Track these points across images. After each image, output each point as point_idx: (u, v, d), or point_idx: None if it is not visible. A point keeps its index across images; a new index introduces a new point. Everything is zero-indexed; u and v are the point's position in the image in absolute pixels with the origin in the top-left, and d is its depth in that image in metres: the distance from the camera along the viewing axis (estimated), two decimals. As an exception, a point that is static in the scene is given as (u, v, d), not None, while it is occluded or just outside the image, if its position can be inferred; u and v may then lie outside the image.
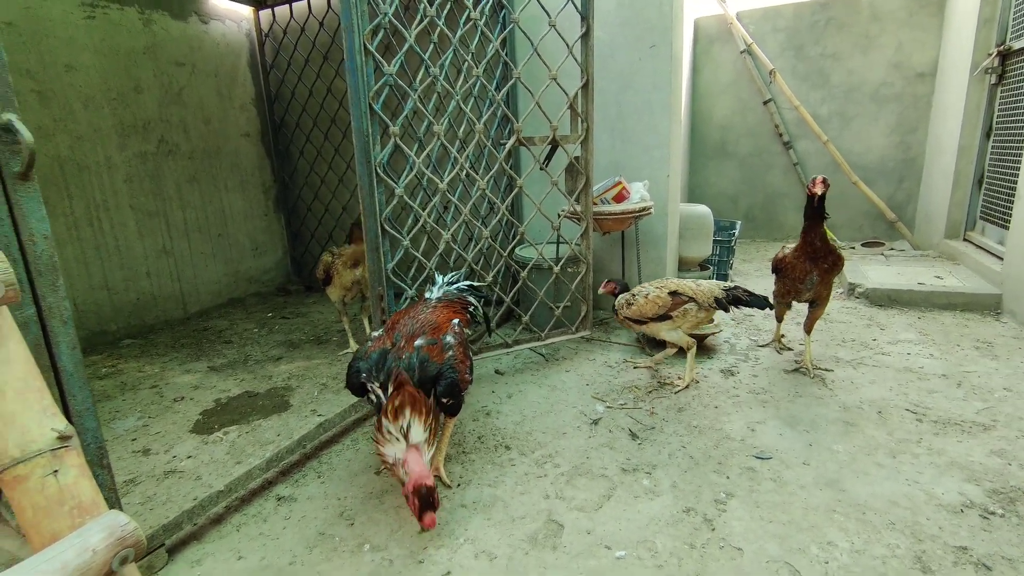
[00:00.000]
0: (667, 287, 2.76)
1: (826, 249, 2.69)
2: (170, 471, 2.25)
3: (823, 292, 2.80)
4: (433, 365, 1.94)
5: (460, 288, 2.54)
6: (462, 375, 2.00)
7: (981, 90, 4.41)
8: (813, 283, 2.74)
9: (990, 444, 2.17)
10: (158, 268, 4.09)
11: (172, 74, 4.10)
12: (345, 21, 2.35)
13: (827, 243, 2.69)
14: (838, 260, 2.74)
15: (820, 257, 2.69)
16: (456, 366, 1.99)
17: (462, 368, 2.02)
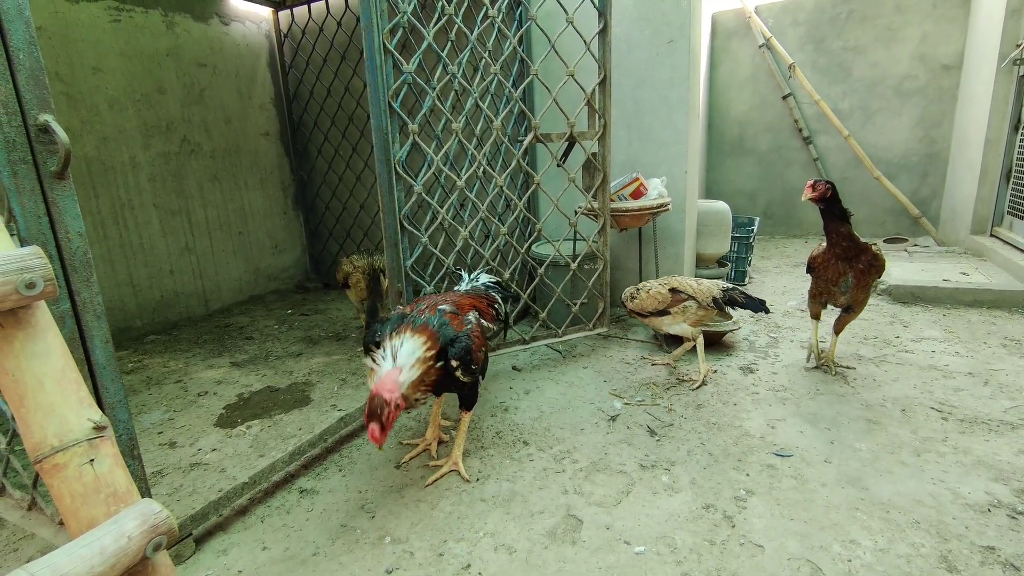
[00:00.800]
0: (668, 283, 2.83)
1: (858, 248, 2.53)
2: (196, 463, 2.30)
3: (860, 296, 2.63)
4: (451, 329, 1.96)
5: (487, 284, 2.56)
6: (477, 347, 2.00)
7: (1009, 82, 4.30)
8: (848, 286, 2.59)
9: (1018, 443, 2.13)
10: (181, 266, 4.17)
11: (194, 75, 4.18)
12: (365, 20, 2.37)
13: (857, 241, 2.54)
14: (875, 260, 2.56)
15: (852, 257, 2.54)
16: (473, 337, 2.00)
17: (478, 342, 2.02)
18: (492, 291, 2.53)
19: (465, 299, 2.27)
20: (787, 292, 4.25)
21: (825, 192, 2.49)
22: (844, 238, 2.53)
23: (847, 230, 2.53)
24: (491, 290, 2.53)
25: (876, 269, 2.57)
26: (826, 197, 2.50)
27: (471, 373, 1.97)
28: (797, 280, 4.56)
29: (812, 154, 6.03)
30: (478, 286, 2.52)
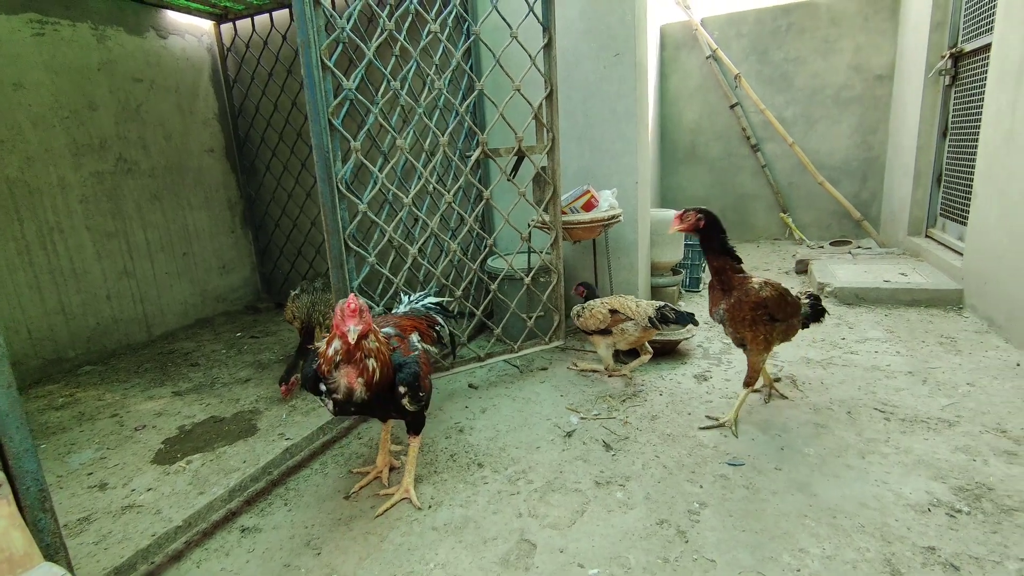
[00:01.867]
0: (609, 304, 2.88)
1: (729, 283, 2.29)
2: (128, 506, 2.15)
3: (746, 335, 2.31)
4: (398, 354, 1.92)
5: (427, 306, 2.50)
6: (424, 374, 1.97)
7: (936, 91, 4.54)
8: (722, 318, 2.34)
9: (955, 440, 2.21)
10: (119, 290, 3.95)
11: (129, 90, 3.99)
12: (302, 36, 2.30)
13: (726, 277, 2.28)
14: (746, 296, 2.23)
15: (727, 290, 2.30)
16: (420, 363, 1.97)
17: (425, 369, 2.00)
18: (433, 312, 2.48)
19: (405, 321, 2.21)
20: (740, 297, 4.34)
21: (697, 223, 2.26)
22: (715, 272, 2.33)
23: (719, 264, 2.30)
24: (432, 311, 2.48)
25: (751, 306, 2.24)
26: (699, 228, 2.27)
27: (418, 401, 1.91)
28: (749, 285, 4.67)
29: (760, 161, 6.22)
30: (417, 308, 2.46)
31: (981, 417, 2.36)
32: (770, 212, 6.37)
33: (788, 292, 2.38)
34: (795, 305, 2.42)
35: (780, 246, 6.11)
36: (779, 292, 2.31)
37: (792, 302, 2.39)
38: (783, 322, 2.35)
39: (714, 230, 2.28)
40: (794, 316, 2.42)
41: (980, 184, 3.54)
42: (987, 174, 3.45)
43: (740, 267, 2.34)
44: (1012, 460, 2.06)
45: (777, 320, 2.32)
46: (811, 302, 2.60)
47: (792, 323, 2.42)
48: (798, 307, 2.45)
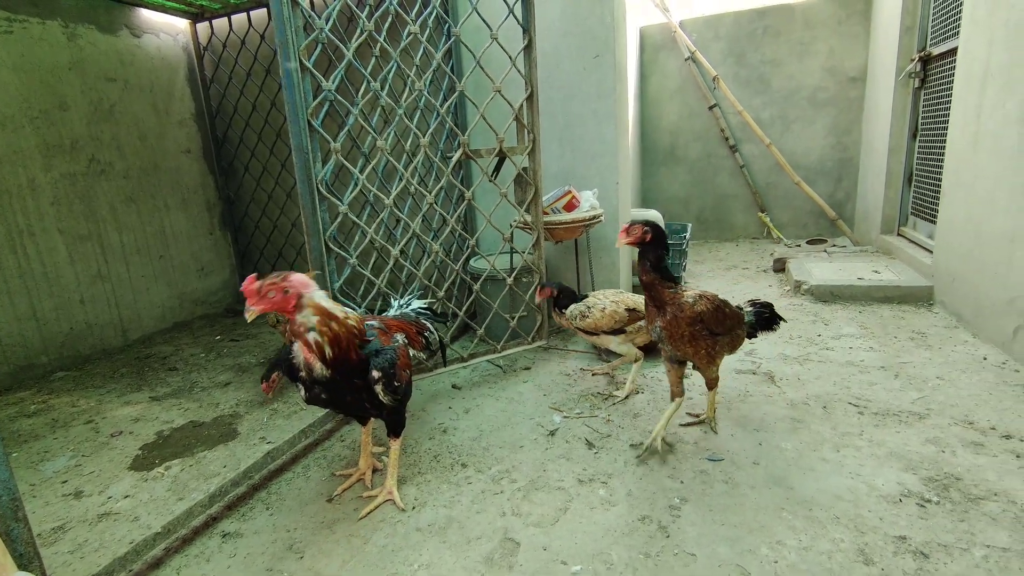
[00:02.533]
0: (624, 302, 2.74)
1: (660, 299, 2.18)
2: (104, 513, 2.11)
3: (687, 351, 2.22)
4: (378, 342, 1.91)
5: (417, 310, 2.50)
6: (402, 364, 1.96)
7: (906, 93, 4.67)
8: (659, 336, 2.24)
9: (925, 433, 2.28)
10: (93, 294, 3.87)
11: (102, 90, 3.91)
12: (280, 36, 2.28)
13: (657, 293, 2.18)
14: (680, 312, 2.14)
15: (659, 305, 2.20)
16: (399, 353, 1.96)
17: (404, 360, 2.00)
18: (423, 318, 2.47)
19: (392, 322, 2.21)
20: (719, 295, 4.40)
21: (643, 236, 2.16)
22: (645, 287, 2.21)
23: (648, 279, 2.18)
24: (422, 317, 2.47)
25: (687, 322, 2.15)
26: (645, 241, 2.17)
27: (392, 392, 1.88)
28: (729, 283, 4.75)
29: (739, 161, 6.32)
30: (407, 312, 2.46)
31: (950, 410, 2.43)
32: (749, 212, 6.48)
33: (725, 304, 2.29)
34: (735, 316, 2.32)
35: (759, 245, 6.21)
36: (715, 305, 2.20)
37: (731, 314, 2.29)
38: (726, 335, 2.27)
39: (658, 245, 2.18)
40: (736, 328, 2.32)
41: (948, 184, 3.65)
42: (955, 174, 3.56)
43: (670, 284, 2.20)
44: (979, 451, 2.13)
45: (718, 334, 2.22)
46: (756, 310, 2.51)
47: (736, 334, 2.34)
48: (739, 318, 2.35)
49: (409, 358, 2.09)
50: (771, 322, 2.53)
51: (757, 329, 2.50)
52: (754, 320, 2.48)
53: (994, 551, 1.64)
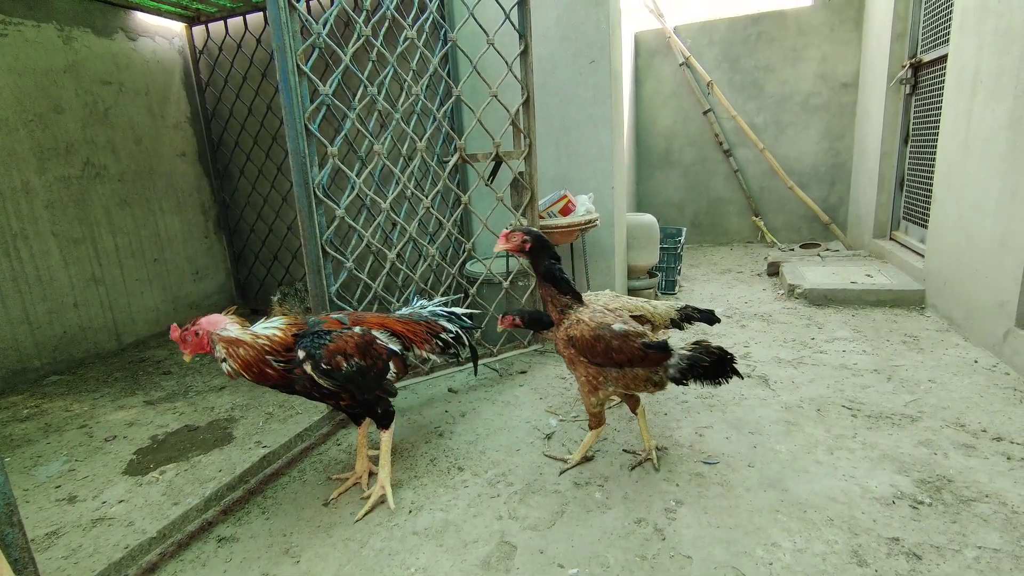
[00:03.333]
0: (628, 307, 2.27)
1: (555, 319, 2.05)
2: (99, 519, 2.10)
3: (573, 371, 2.10)
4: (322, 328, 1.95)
5: (433, 311, 2.39)
6: (338, 348, 1.89)
7: (898, 99, 4.72)
8: (562, 356, 2.12)
9: (917, 435, 2.30)
10: (87, 298, 3.85)
11: (97, 93, 3.90)
12: (277, 40, 2.29)
13: (552, 309, 2.05)
14: (568, 341, 1.98)
15: (558, 324, 2.07)
16: (342, 339, 1.92)
17: (343, 345, 1.91)
18: (441, 318, 2.37)
19: (389, 320, 2.20)
20: (714, 299, 4.44)
21: (522, 245, 2.01)
22: (542, 299, 2.09)
23: (542, 291, 2.06)
24: (440, 317, 2.38)
25: (563, 343, 2.01)
26: (524, 250, 2.03)
27: (326, 375, 1.87)
28: (723, 287, 4.78)
29: (733, 166, 6.37)
30: (420, 312, 2.39)
31: (942, 412, 2.46)
32: (742, 216, 6.52)
33: (616, 336, 1.93)
34: (627, 352, 1.93)
35: (752, 249, 6.25)
36: (593, 333, 1.93)
37: (620, 347, 1.93)
38: (613, 367, 1.98)
39: (540, 254, 2.02)
40: (633, 364, 1.96)
41: (939, 189, 3.70)
42: (946, 179, 3.60)
43: (564, 298, 2.04)
44: (970, 453, 2.15)
45: (599, 364, 1.98)
46: (693, 355, 1.98)
47: (637, 373, 1.98)
48: (634, 354, 1.94)
49: (368, 351, 1.98)
50: (715, 374, 2.00)
51: (687, 376, 2.00)
52: (684, 365, 1.99)
53: (986, 552, 1.66)
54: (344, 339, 1.94)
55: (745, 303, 4.27)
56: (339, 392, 1.95)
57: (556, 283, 2.03)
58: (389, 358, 2.08)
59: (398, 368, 2.13)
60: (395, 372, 2.11)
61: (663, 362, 1.98)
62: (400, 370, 2.15)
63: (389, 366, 2.08)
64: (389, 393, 2.14)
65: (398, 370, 2.13)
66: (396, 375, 2.13)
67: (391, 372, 2.09)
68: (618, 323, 1.98)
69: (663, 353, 1.96)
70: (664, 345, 1.97)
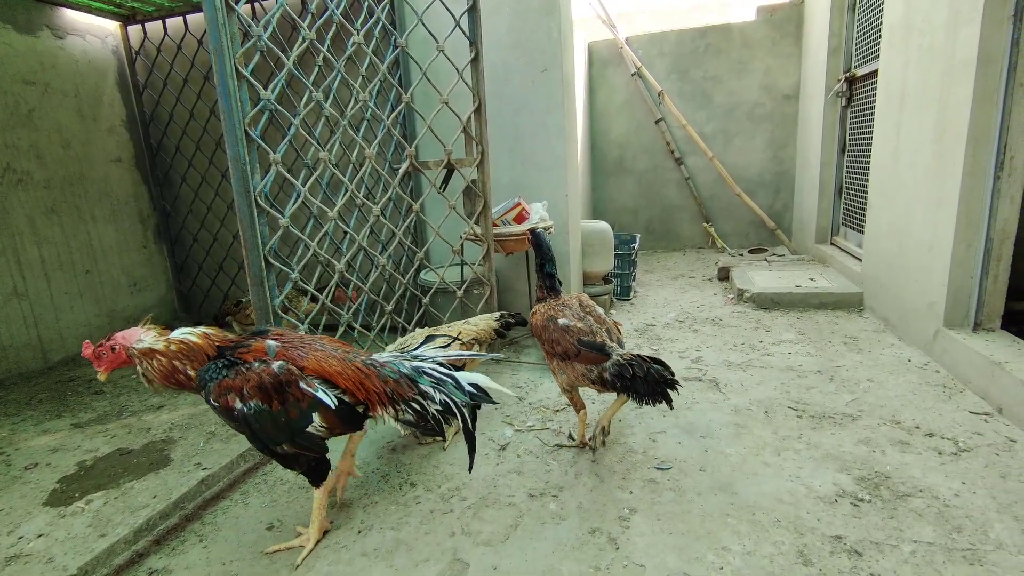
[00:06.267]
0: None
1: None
2: (14, 556, 1.93)
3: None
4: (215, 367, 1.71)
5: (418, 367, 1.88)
6: (227, 383, 1.65)
7: (835, 111, 4.96)
8: None
9: (857, 433, 2.39)
10: (7, 314, 3.57)
11: (19, 94, 3.64)
12: (214, 42, 2.19)
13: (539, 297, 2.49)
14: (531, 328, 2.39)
15: None
16: (237, 377, 1.66)
17: (233, 384, 1.65)
18: (423, 381, 1.86)
19: (333, 363, 1.78)
20: (668, 304, 4.53)
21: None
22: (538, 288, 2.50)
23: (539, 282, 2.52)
24: (422, 379, 1.86)
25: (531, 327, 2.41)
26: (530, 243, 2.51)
27: (224, 415, 1.70)
28: (677, 292, 4.88)
29: (684, 173, 6.54)
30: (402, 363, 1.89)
31: (879, 410, 2.57)
32: (694, 222, 6.70)
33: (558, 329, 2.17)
34: (563, 345, 2.14)
35: (704, 254, 6.43)
36: (542, 323, 2.25)
37: (558, 339, 2.16)
38: (557, 358, 2.21)
39: (537, 251, 2.50)
40: (567, 357, 2.15)
41: (874, 196, 3.90)
42: (879, 187, 3.80)
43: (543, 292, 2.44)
44: (905, 449, 2.25)
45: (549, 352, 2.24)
46: (624, 363, 2.05)
47: (573, 366, 2.15)
48: (570, 350, 2.12)
49: (276, 391, 1.68)
50: (647, 392, 2.02)
51: (618, 382, 2.07)
52: (615, 371, 2.06)
53: (920, 546, 1.73)
54: (246, 376, 1.66)
55: (697, 308, 4.37)
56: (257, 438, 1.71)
57: (546, 278, 2.47)
58: (313, 408, 1.72)
59: (328, 422, 1.74)
60: (322, 425, 1.74)
61: (599, 362, 2.11)
62: (332, 424, 1.75)
63: (312, 417, 1.72)
64: (309, 449, 1.77)
65: (328, 424, 1.74)
66: (325, 429, 1.75)
67: (315, 424, 1.73)
68: (564, 319, 2.21)
69: (597, 353, 2.11)
70: (597, 345, 2.12)
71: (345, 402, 1.77)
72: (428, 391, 1.85)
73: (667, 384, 2.02)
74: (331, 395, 1.73)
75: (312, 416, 1.72)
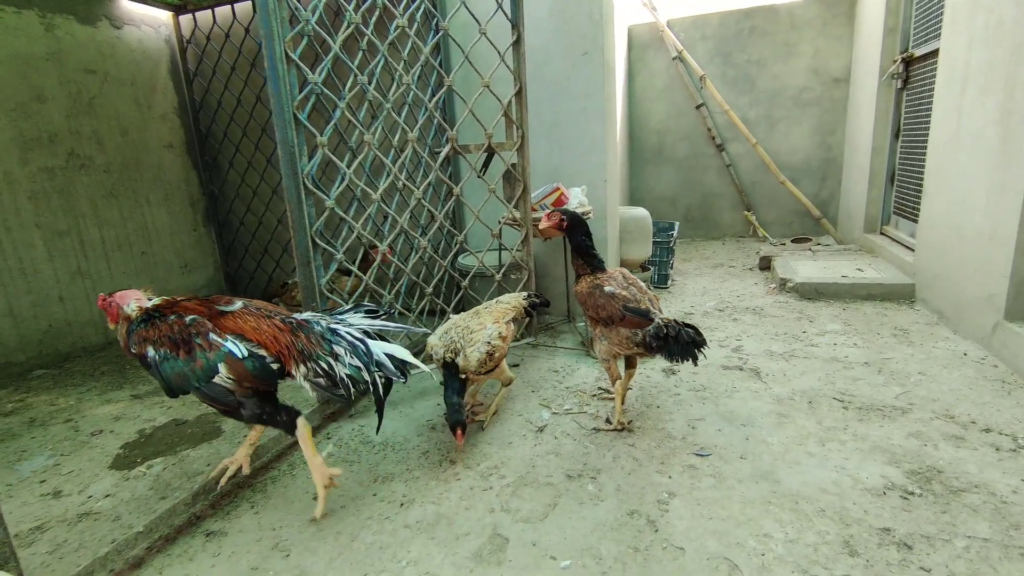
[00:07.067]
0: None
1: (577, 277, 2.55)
2: (84, 513, 2.07)
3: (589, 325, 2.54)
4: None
5: (332, 329, 1.96)
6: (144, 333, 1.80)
7: (889, 94, 4.74)
8: None
9: (908, 427, 2.31)
10: (72, 292, 3.79)
11: (81, 82, 3.82)
12: (264, 28, 2.25)
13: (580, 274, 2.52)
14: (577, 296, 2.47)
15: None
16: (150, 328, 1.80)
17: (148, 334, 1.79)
18: (340, 343, 1.92)
19: (260, 321, 1.89)
20: (706, 293, 4.45)
21: (560, 223, 2.49)
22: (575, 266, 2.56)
23: (575, 263, 2.55)
24: (339, 341, 1.92)
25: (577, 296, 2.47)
26: (562, 228, 2.51)
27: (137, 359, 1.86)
28: (716, 281, 4.79)
29: (725, 160, 6.38)
30: (319, 323, 1.96)
31: (931, 404, 2.48)
32: (735, 210, 6.54)
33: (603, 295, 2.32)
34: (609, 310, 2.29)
35: (744, 243, 6.27)
36: (588, 290, 2.41)
37: (604, 304, 2.31)
38: (602, 325, 2.35)
39: (575, 231, 2.51)
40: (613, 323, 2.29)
41: (930, 183, 3.72)
42: (936, 174, 3.62)
43: (586, 268, 2.50)
44: (959, 444, 2.17)
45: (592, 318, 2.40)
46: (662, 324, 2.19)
47: (619, 331, 2.29)
48: (615, 314, 2.27)
49: (183, 341, 1.79)
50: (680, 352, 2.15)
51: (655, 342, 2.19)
52: (652, 332, 2.20)
53: (975, 541, 1.67)
54: (159, 327, 1.80)
55: (737, 297, 4.28)
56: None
57: (582, 255, 2.51)
58: (219, 359, 1.79)
59: (235, 374, 1.79)
60: (229, 376, 1.79)
61: (641, 326, 2.24)
62: (240, 376, 1.80)
63: (218, 368, 1.78)
64: (216, 400, 1.83)
65: (235, 376, 1.80)
66: (232, 380, 1.80)
67: (221, 375, 1.78)
68: (610, 287, 2.36)
69: (641, 317, 2.25)
70: (641, 311, 2.27)
71: (260, 356, 1.84)
72: (340, 352, 1.90)
73: (696, 345, 2.16)
74: (242, 347, 1.81)
75: (218, 367, 1.79)
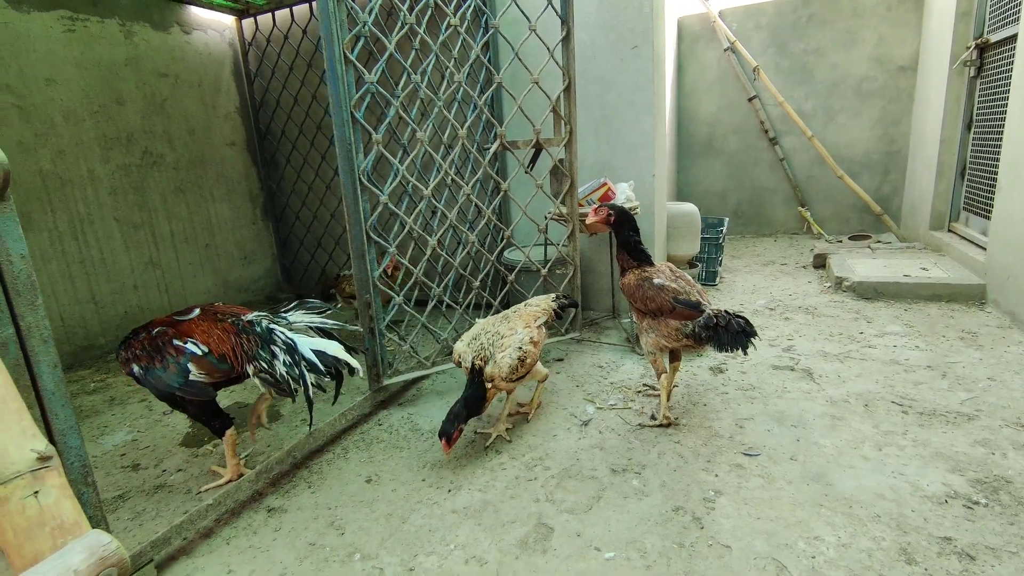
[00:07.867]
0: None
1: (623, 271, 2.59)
2: (159, 485, 2.24)
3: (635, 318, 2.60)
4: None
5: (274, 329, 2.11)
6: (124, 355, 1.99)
7: (961, 83, 4.46)
8: None
9: (974, 434, 2.20)
10: (145, 280, 4.07)
11: (155, 85, 4.09)
12: (324, 30, 2.35)
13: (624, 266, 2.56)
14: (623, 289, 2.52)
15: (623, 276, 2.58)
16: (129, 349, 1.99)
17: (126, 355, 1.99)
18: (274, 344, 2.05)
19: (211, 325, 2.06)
20: (756, 291, 4.33)
21: (607, 218, 2.52)
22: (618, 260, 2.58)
23: (619, 256, 2.55)
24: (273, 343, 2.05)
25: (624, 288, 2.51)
26: (609, 223, 2.53)
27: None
28: (767, 279, 4.65)
29: (778, 154, 6.16)
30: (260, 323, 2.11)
31: (1001, 411, 2.34)
32: (788, 206, 6.31)
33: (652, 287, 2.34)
34: (658, 302, 2.30)
35: (797, 240, 6.05)
36: (637, 283, 2.42)
37: (653, 296, 2.33)
38: (650, 316, 2.37)
39: (622, 226, 2.51)
40: (662, 315, 2.31)
41: (1005, 177, 3.49)
42: (1012, 167, 3.39)
43: (632, 262, 2.50)
44: (1032, 454, 2.05)
45: (640, 310, 2.42)
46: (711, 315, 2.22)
47: (668, 323, 2.30)
48: (665, 306, 2.29)
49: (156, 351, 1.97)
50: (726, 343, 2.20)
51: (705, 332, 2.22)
52: (702, 322, 2.23)
53: (1047, 556, 1.58)
54: (132, 345, 1.99)
55: (789, 296, 4.15)
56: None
57: (629, 249, 2.51)
58: (187, 359, 1.95)
59: (204, 369, 1.96)
60: (200, 372, 1.96)
61: (691, 317, 2.25)
62: (207, 370, 1.97)
63: (189, 367, 1.94)
64: (198, 394, 1.97)
65: (204, 371, 1.96)
66: (204, 375, 1.97)
67: (194, 373, 1.95)
68: (659, 279, 2.37)
69: (691, 309, 2.26)
70: (692, 303, 2.28)
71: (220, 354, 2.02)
72: (275, 351, 2.05)
73: (746, 334, 2.18)
74: (200, 347, 1.99)
75: (188, 367, 1.95)
